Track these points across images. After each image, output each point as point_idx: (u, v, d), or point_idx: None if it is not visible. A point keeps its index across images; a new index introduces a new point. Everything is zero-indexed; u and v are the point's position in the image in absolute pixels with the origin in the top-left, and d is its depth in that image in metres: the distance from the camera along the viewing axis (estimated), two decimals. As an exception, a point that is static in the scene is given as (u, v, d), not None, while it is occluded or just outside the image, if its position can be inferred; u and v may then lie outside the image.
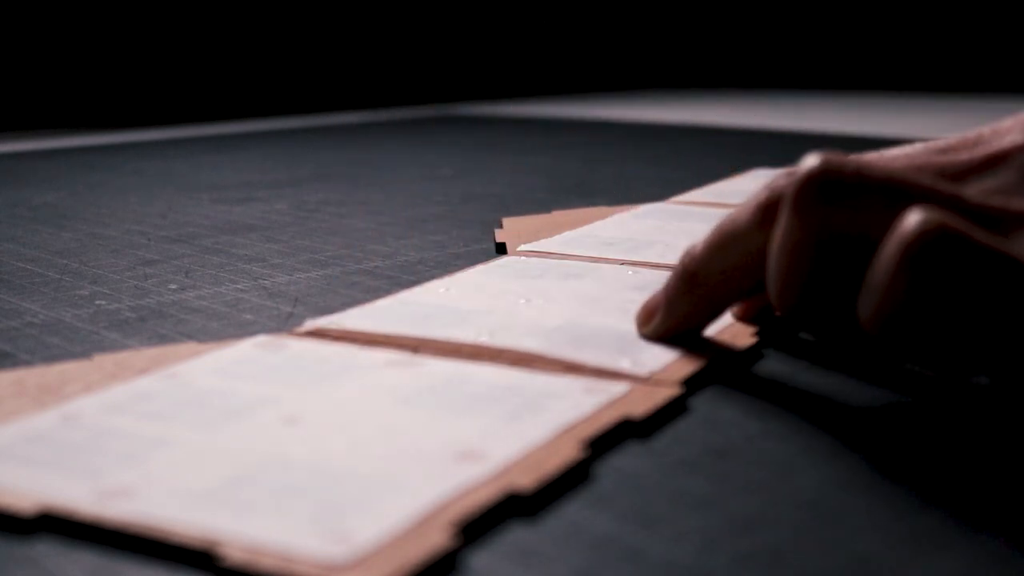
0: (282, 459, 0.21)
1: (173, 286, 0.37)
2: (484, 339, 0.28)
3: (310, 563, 0.17)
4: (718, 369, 0.27)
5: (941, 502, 0.19)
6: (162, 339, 0.30)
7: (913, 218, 0.21)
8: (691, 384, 0.26)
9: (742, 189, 0.56)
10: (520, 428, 0.22)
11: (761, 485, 0.20)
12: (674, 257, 0.39)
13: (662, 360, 0.27)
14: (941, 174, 0.25)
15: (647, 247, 0.41)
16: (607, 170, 0.69)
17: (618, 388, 0.25)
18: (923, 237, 0.20)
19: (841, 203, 0.23)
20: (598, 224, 0.46)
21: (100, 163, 0.78)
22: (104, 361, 0.27)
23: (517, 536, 0.18)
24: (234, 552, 0.17)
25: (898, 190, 0.22)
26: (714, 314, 0.27)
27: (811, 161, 0.23)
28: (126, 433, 0.22)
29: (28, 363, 0.28)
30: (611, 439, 0.23)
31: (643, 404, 0.24)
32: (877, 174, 0.23)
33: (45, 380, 0.26)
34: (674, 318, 0.28)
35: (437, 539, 0.17)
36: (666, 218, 0.47)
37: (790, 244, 0.23)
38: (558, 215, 0.49)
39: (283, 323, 0.32)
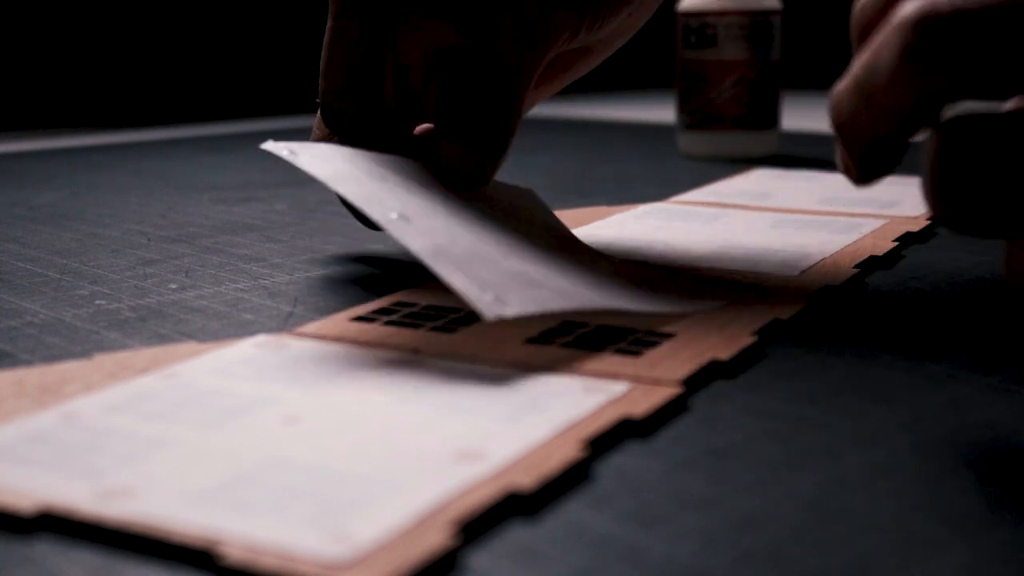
0: (282, 459, 0.21)
1: (173, 286, 0.37)
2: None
3: (310, 563, 0.17)
4: (718, 369, 0.27)
5: (941, 502, 0.19)
6: (162, 339, 0.30)
7: None
8: (691, 384, 0.26)
9: (742, 189, 0.56)
10: (520, 427, 0.22)
11: (761, 485, 0.20)
12: (674, 257, 0.39)
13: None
14: None
15: (647, 247, 0.41)
16: (607, 170, 0.69)
17: (618, 387, 0.25)
18: None
19: (944, 46, 0.21)
20: (598, 224, 0.46)
21: (100, 163, 0.78)
22: (104, 361, 0.27)
23: (517, 536, 0.18)
24: (234, 552, 0.17)
25: (1003, 13, 0.21)
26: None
27: (907, 8, 0.22)
28: (126, 433, 0.22)
29: (28, 363, 0.28)
30: (611, 438, 0.23)
31: (643, 403, 0.24)
32: (973, 4, 0.21)
33: (45, 380, 0.26)
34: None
35: (437, 539, 0.18)
36: (666, 218, 0.47)
37: (891, 96, 0.22)
38: (558, 215, 0.49)
39: (283, 323, 0.32)
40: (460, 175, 0.35)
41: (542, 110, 1.33)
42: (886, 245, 0.41)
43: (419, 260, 0.26)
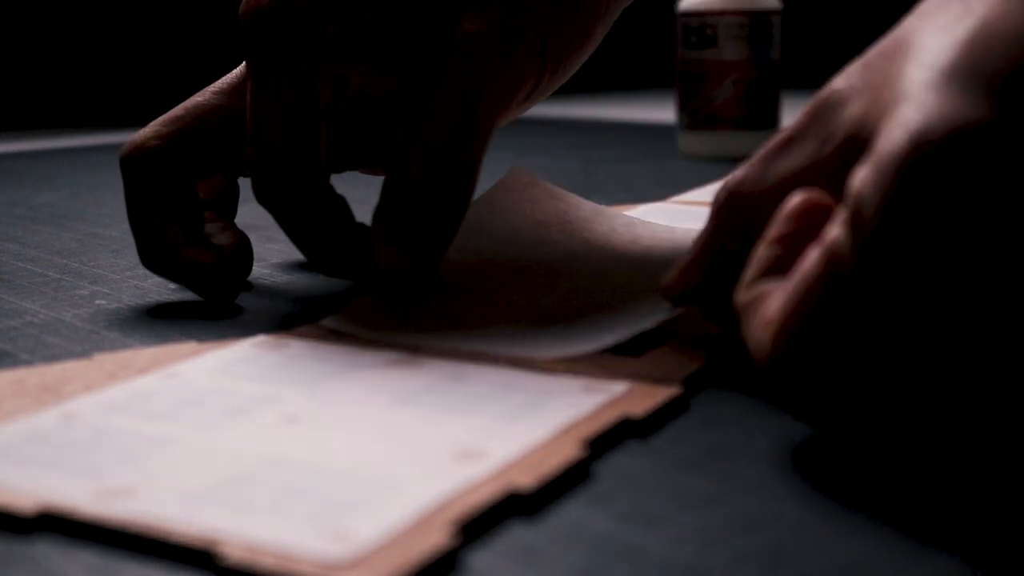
0: (282, 459, 0.21)
1: (173, 286, 0.37)
2: None
3: (310, 562, 0.17)
4: (718, 368, 0.27)
5: (942, 502, 0.19)
6: (162, 339, 0.30)
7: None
8: (691, 384, 0.26)
9: (742, 189, 0.56)
10: (520, 427, 0.22)
11: (761, 485, 0.20)
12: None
13: None
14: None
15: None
16: (607, 170, 0.69)
17: (618, 387, 0.25)
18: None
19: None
20: (598, 224, 0.46)
21: (100, 163, 0.78)
22: (104, 361, 0.27)
23: (517, 535, 0.18)
24: (234, 551, 0.17)
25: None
26: (750, 241, 0.26)
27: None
28: (126, 433, 0.22)
29: (28, 363, 0.28)
30: (611, 438, 0.23)
31: (643, 403, 0.24)
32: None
33: (45, 380, 0.26)
34: (708, 255, 0.26)
35: (437, 538, 0.18)
36: (666, 218, 0.47)
37: None
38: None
39: (283, 323, 0.32)
40: (395, 276, 0.30)
41: (542, 110, 1.33)
42: (886, 245, 0.41)
43: None
